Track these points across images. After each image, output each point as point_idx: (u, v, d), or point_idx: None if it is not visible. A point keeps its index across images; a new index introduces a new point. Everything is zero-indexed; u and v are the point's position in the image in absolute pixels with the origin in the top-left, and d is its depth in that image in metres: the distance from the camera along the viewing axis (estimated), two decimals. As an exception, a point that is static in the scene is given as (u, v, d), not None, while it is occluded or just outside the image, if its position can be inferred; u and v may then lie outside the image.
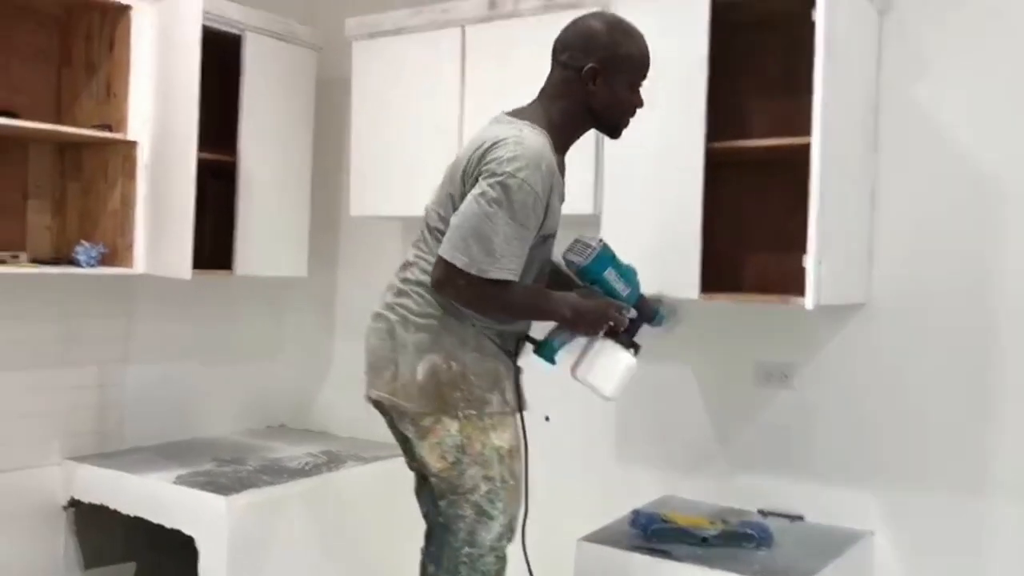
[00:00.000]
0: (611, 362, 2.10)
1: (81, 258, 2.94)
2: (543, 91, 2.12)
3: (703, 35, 2.51)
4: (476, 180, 1.95)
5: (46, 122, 3.00)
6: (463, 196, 1.98)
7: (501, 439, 2.06)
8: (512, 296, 1.98)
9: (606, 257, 2.10)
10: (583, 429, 3.19)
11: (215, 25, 3.10)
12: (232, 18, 3.21)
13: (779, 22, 2.62)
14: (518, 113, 2.08)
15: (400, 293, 2.10)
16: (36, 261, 2.99)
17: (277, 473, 3.12)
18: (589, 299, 2.09)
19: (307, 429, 3.91)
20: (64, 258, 3.03)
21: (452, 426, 2.03)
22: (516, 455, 2.11)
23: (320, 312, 3.93)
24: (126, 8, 2.98)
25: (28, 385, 3.12)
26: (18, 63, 3.06)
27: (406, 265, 2.15)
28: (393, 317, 2.09)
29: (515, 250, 1.93)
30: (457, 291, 1.97)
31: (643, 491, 2.97)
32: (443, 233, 1.99)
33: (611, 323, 2.09)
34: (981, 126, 2.59)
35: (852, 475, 2.75)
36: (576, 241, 2.12)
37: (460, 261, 1.92)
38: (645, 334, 2.22)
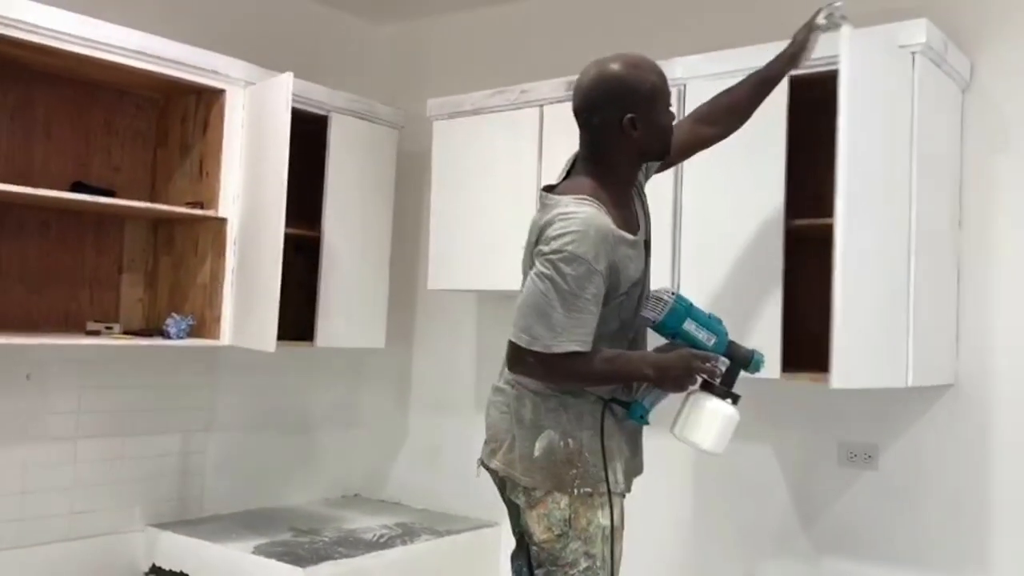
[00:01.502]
0: (707, 415, 2.04)
1: (171, 330, 3.04)
2: (584, 158, 2.12)
3: (781, 112, 2.52)
4: (533, 264, 2.00)
5: (142, 200, 3.16)
6: None
7: (607, 518, 2.05)
8: (585, 365, 1.98)
9: (681, 308, 2.04)
10: (663, 508, 3.14)
11: (303, 107, 3.22)
12: (318, 100, 3.34)
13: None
14: (562, 189, 2.09)
15: None
16: (128, 332, 3.11)
17: (353, 545, 3.14)
18: (670, 354, 2.05)
19: (381, 500, 3.93)
20: (155, 329, 3.13)
21: (562, 500, 2.03)
22: (618, 536, 2.10)
23: (396, 384, 3.97)
24: (220, 92, 3.13)
25: (115, 452, 3.22)
26: (118, 144, 3.23)
27: None
28: (512, 392, 2.12)
29: (578, 321, 1.94)
30: (528, 369, 2.00)
31: (725, 574, 2.90)
32: None
33: (702, 375, 2.04)
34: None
35: (939, 560, 2.65)
36: (650, 297, 2.09)
37: (523, 340, 1.95)
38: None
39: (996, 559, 2.58)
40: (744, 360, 2.08)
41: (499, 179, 3.22)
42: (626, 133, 2.05)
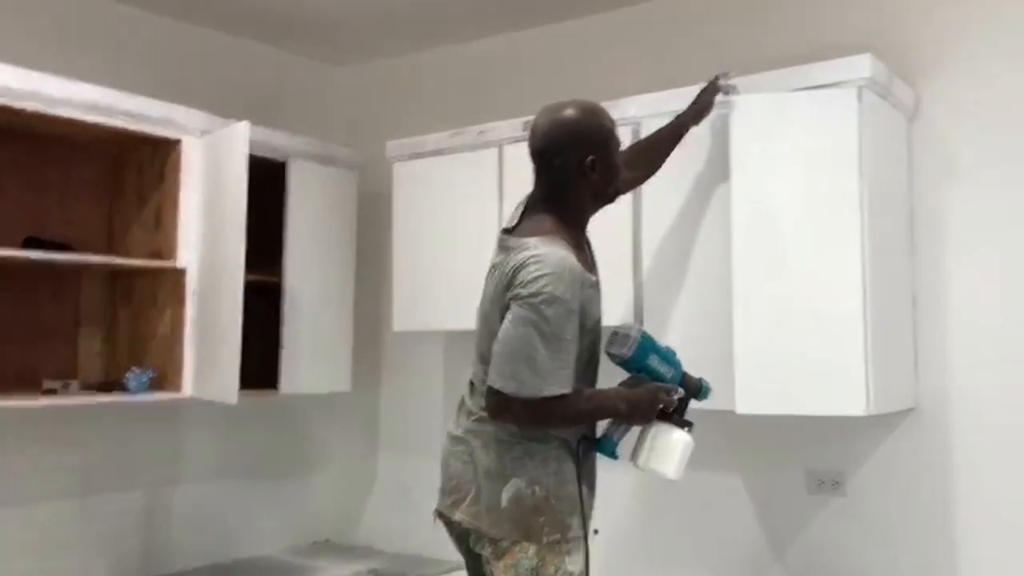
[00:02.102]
0: (669, 445, 2.10)
1: (131, 384, 3.00)
2: (541, 199, 2.15)
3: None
4: (508, 307, 1.99)
5: (98, 251, 3.13)
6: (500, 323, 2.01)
7: (574, 564, 2.04)
8: (570, 407, 2.01)
9: (647, 345, 2.11)
10: (631, 542, 3.14)
11: (260, 153, 3.21)
12: (276, 145, 3.34)
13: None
14: (524, 231, 2.10)
15: (479, 420, 2.11)
16: (87, 387, 3.06)
17: (324, 594, 3.10)
18: (638, 388, 2.11)
19: (352, 545, 3.88)
20: (115, 383, 3.08)
21: (530, 549, 2.02)
22: None
23: (364, 426, 3.95)
24: (176, 142, 3.10)
25: (78, 511, 3.15)
26: (73, 197, 3.19)
27: (475, 389, 2.16)
28: (474, 442, 2.09)
29: (560, 363, 1.96)
30: (516, 416, 1.99)
31: (696, 606, 2.91)
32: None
33: (665, 407, 2.10)
34: (1014, 226, 2.60)
35: (912, 586, 2.68)
36: (615, 334, 2.13)
37: (511, 387, 1.94)
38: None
39: (965, 579, 2.61)
40: (695, 390, 2.18)
41: (461, 219, 3.23)
42: (585, 175, 2.10)
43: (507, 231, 2.15)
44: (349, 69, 4.13)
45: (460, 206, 3.23)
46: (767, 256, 2.51)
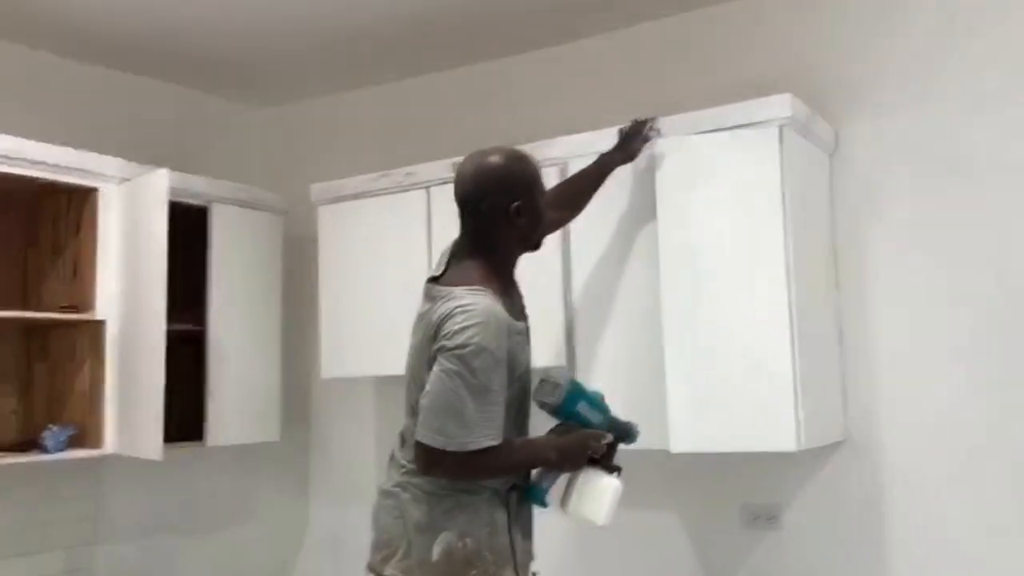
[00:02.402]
0: (598, 491, 2.09)
1: (49, 443, 2.88)
2: (467, 246, 2.14)
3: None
4: (435, 359, 1.97)
5: (11, 305, 3.00)
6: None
7: None
8: (501, 458, 1.98)
9: (575, 392, 2.11)
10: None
11: (181, 199, 3.13)
12: (197, 191, 3.26)
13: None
14: (450, 280, 2.09)
15: (409, 472, 2.07)
16: (1, 448, 2.92)
17: (257, 654, 2.99)
18: (568, 436, 2.10)
19: (285, 598, 3.78)
20: (31, 442, 2.95)
21: None
22: None
23: (294, 475, 3.85)
24: (92, 191, 3.02)
25: (-7, 578, 3.00)
26: (-17, 248, 3.08)
27: (405, 442, 2.12)
28: (404, 495, 2.06)
29: (489, 414, 1.94)
30: (446, 471, 1.96)
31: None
32: None
33: (594, 452, 2.09)
34: (933, 259, 2.67)
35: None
36: (543, 381, 2.12)
37: (439, 442, 1.91)
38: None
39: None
40: (624, 434, 2.17)
41: (389, 262, 3.18)
42: (511, 220, 2.09)
43: (433, 279, 2.13)
44: (271, 111, 4.08)
45: (388, 249, 3.19)
46: (696, 296, 2.53)
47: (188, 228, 3.22)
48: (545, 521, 2.19)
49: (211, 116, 3.92)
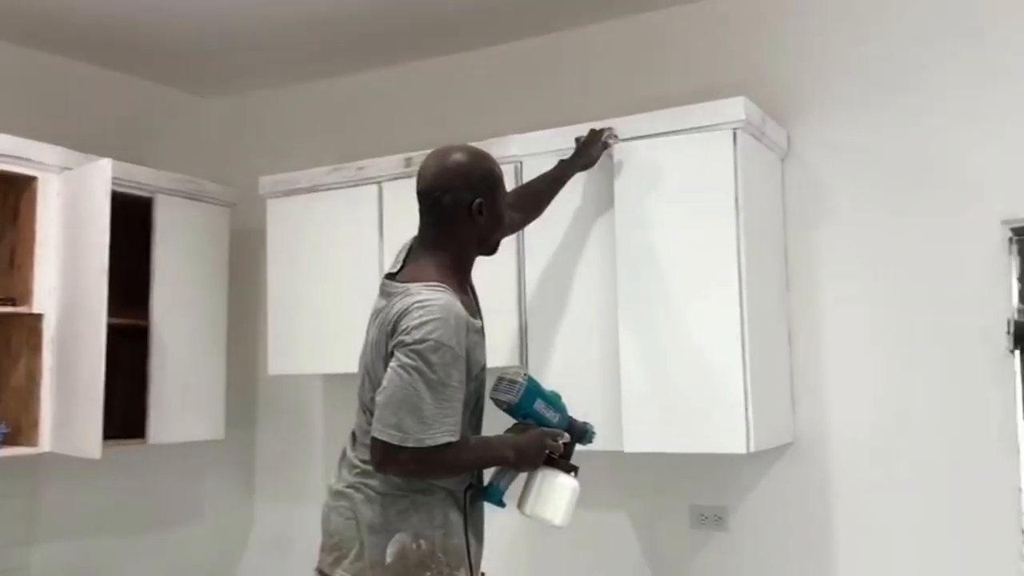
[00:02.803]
0: (556, 491, 2.08)
1: (-19, 440, 2.78)
2: (426, 242, 2.11)
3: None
4: (391, 355, 1.94)
5: (-56, 296, 2.89)
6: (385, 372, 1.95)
7: None
8: (457, 456, 1.96)
9: (533, 390, 2.10)
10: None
11: (125, 190, 3.05)
12: (142, 181, 3.18)
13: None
14: (408, 276, 2.06)
15: (363, 473, 2.03)
16: (-69, 445, 2.82)
17: (198, 657, 2.92)
18: (525, 435, 2.09)
19: (228, 598, 3.71)
20: (-37, 439, 2.85)
21: None
22: None
23: (239, 474, 3.78)
24: (31, 179, 2.92)
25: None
26: (-87, 236, 2.96)
27: (357, 441, 2.08)
28: (357, 496, 2.02)
29: (447, 410, 1.91)
30: (402, 467, 1.93)
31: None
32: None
33: (551, 452, 2.08)
34: (881, 263, 2.70)
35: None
36: (500, 379, 2.11)
37: (396, 438, 1.88)
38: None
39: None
40: (581, 434, 2.18)
41: (339, 258, 3.13)
42: (473, 218, 2.07)
43: (390, 275, 2.10)
44: (220, 101, 3.99)
45: (338, 244, 3.14)
46: (650, 297, 2.53)
47: (132, 220, 3.14)
48: (495, 519, 2.17)
49: (163, 106, 3.83)
